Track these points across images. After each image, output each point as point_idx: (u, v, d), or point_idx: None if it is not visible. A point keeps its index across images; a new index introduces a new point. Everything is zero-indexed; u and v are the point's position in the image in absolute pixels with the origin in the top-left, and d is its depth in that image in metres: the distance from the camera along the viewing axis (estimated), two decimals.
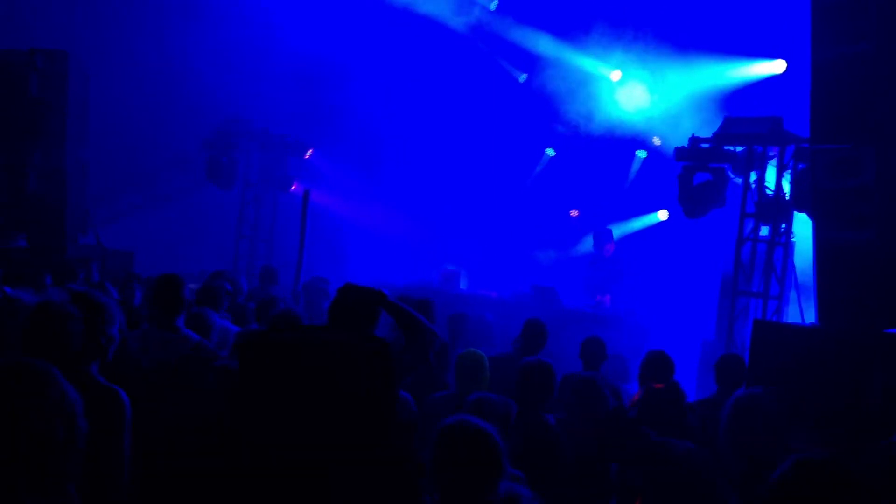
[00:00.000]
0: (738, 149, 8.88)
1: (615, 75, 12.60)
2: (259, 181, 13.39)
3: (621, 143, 12.55)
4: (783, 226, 8.73)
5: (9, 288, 5.12)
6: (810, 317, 6.50)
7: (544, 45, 12.79)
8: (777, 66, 10.81)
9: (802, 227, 8.45)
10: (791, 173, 8.44)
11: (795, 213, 8.53)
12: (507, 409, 4.31)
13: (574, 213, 13.91)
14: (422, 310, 5.96)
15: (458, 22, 13.33)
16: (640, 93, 12.39)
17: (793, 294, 8.61)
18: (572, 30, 12.41)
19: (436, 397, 5.16)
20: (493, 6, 13.62)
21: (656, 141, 12.56)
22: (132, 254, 10.78)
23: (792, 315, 8.63)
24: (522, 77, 13.74)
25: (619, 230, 12.51)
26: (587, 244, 12.47)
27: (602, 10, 12.05)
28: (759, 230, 8.94)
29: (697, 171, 8.91)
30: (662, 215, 12.92)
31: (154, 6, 13.05)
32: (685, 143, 9.07)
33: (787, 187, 8.57)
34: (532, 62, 13.27)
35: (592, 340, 6.48)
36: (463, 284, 12.19)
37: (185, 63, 12.85)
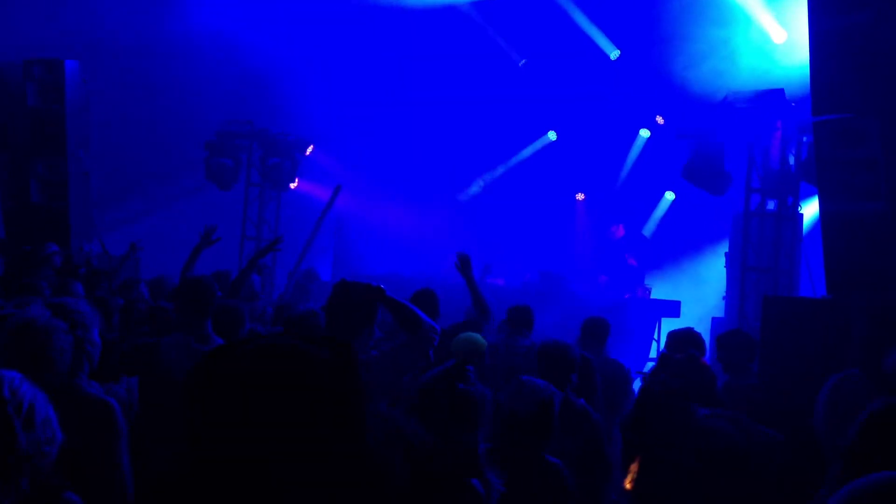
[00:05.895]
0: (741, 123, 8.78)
1: None
2: (261, 181, 13.32)
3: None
4: (790, 199, 8.64)
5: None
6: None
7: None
8: (778, 36, 10.66)
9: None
10: (795, 146, 8.34)
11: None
12: None
13: (580, 196, 13.80)
14: (424, 301, 5.75)
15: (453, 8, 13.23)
16: None
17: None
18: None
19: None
20: None
21: (659, 120, 12.45)
22: (138, 259, 10.73)
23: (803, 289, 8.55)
24: (521, 61, 13.64)
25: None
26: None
27: None
28: (766, 204, 8.85)
29: (698, 147, 8.84)
30: (669, 196, 12.81)
31: (153, 10, 12.99)
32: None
33: (792, 160, 8.48)
34: (532, 44, 13.21)
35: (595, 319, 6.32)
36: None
37: (185, 64, 12.80)
